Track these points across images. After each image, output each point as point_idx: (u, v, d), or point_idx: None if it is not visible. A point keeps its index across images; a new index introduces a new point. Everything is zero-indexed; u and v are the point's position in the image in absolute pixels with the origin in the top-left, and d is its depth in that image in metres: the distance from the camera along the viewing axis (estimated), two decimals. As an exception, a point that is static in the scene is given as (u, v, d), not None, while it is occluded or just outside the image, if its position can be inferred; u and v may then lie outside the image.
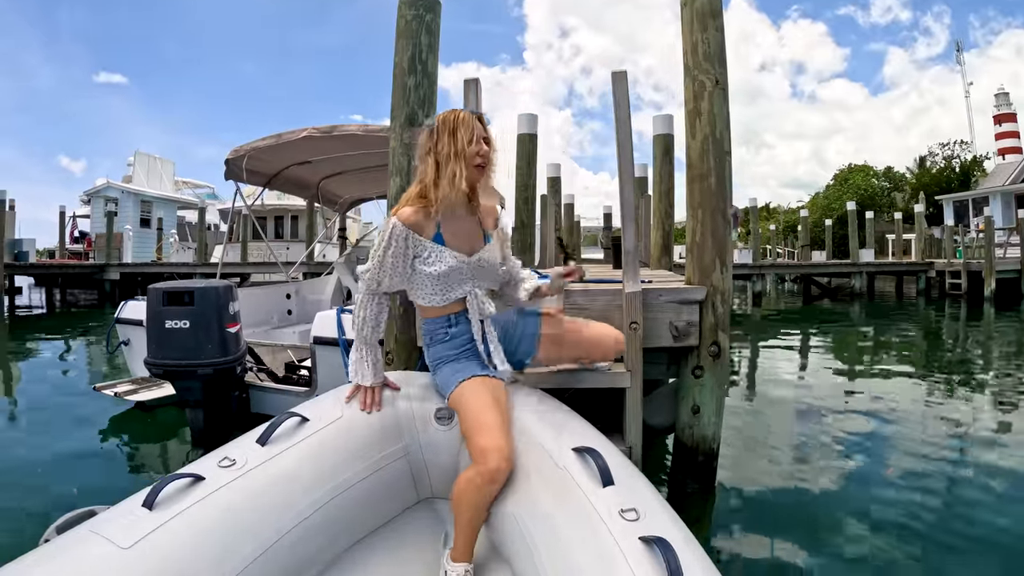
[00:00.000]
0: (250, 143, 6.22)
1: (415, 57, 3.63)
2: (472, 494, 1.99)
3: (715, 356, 3.52)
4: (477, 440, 2.03)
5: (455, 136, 2.24)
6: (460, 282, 2.32)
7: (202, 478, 1.87)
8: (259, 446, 2.07)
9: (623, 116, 3.37)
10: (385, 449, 2.35)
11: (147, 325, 4.24)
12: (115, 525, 1.66)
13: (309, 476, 2.06)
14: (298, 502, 1.99)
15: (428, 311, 2.39)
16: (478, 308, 2.35)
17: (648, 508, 1.74)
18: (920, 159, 42.50)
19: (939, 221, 29.37)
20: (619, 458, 2.04)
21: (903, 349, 10.94)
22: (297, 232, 22.07)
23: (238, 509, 1.83)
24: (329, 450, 2.17)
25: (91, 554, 1.57)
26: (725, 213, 3.57)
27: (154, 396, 5.44)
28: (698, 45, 3.61)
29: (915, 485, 4.02)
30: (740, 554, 3.22)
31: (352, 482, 2.18)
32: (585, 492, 1.82)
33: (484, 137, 2.30)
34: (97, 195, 26.82)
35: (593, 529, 1.69)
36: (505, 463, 1.99)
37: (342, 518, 2.13)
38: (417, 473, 2.46)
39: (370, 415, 2.36)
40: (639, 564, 1.51)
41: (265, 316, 7.21)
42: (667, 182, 7.25)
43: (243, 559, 1.76)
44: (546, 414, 2.31)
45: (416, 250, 2.28)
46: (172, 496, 1.78)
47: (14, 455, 4.75)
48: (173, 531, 1.68)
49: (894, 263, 24.07)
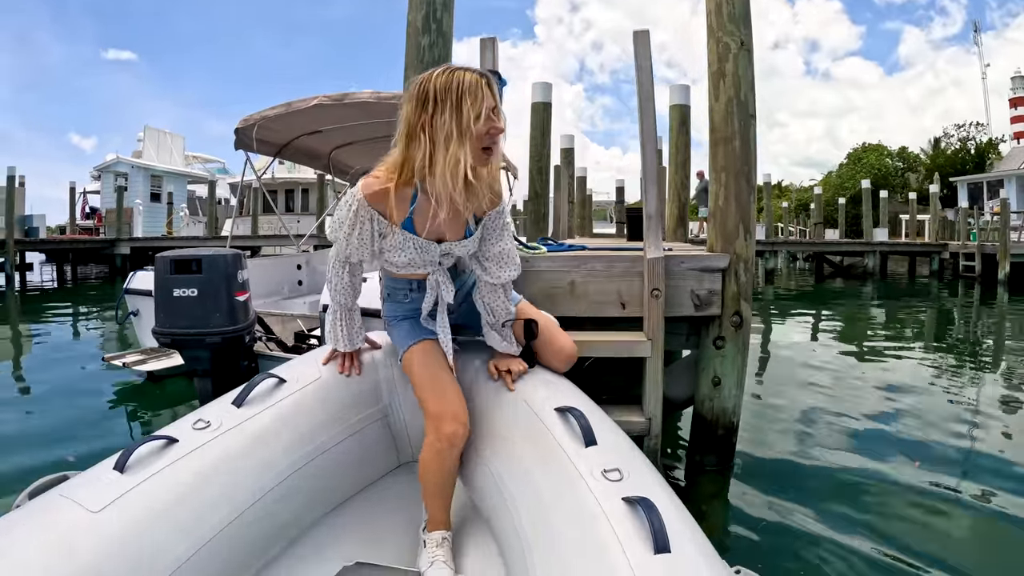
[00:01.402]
0: (260, 112, 6.10)
1: (429, 15, 3.50)
2: (434, 460, 1.94)
3: (737, 326, 3.42)
4: (429, 406, 1.96)
5: (459, 110, 1.75)
6: (425, 263, 2.05)
7: (176, 440, 1.82)
8: (235, 408, 2.01)
9: (645, 77, 3.26)
10: (363, 411, 2.30)
11: (155, 294, 4.16)
12: (85, 489, 1.62)
13: (286, 438, 2.01)
14: (275, 464, 1.94)
15: (392, 272, 2.20)
16: (437, 289, 2.11)
17: (631, 468, 1.69)
18: (935, 140, 41.91)
19: (953, 203, 29.01)
20: (602, 418, 1.98)
21: (917, 329, 10.86)
22: (307, 205, 22.03)
23: (212, 472, 1.79)
24: (306, 412, 2.12)
25: (60, 518, 1.53)
26: (750, 177, 3.46)
27: (163, 366, 5.41)
28: (722, 5, 3.48)
29: (935, 468, 3.92)
30: (756, 531, 3.16)
31: (330, 444, 2.14)
32: (567, 452, 1.77)
33: (494, 108, 1.81)
34: (107, 170, 26.79)
35: (575, 489, 1.64)
36: (461, 427, 1.93)
37: (320, 481, 2.10)
38: (397, 435, 2.42)
39: (349, 377, 2.29)
40: (621, 524, 1.46)
41: (276, 287, 7.15)
42: (683, 153, 7.12)
43: (218, 522, 1.72)
44: (528, 375, 2.22)
45: (380, 229, 1.97)
46: (144, 459, 1.73)
47: (22, 425, 4.76)
48: (145, 493, 1.63)
49: (908, 243, 23.85)
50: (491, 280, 2.12)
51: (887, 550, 2.91)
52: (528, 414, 2.00)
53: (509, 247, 2.11)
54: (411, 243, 1.97)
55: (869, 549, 2.92)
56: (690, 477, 3.70)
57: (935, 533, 3.13)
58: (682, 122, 7.16)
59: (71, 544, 1.47)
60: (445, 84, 1.76)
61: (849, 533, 3.06)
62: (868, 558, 2.85)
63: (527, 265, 3.29)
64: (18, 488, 1.72)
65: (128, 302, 6.00)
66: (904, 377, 6.41)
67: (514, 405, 2.07)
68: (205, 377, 4.29)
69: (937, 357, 7.88)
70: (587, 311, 3.30)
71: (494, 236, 2.09)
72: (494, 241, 2.09)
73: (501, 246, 2.09)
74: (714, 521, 3.32)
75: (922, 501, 3.46)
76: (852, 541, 2.98)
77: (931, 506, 3.40)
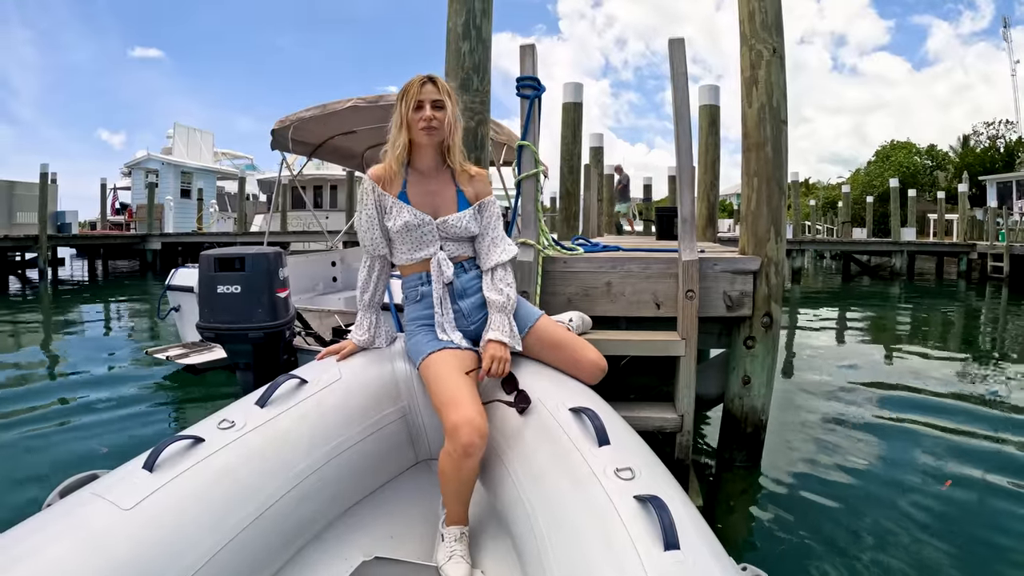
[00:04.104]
0: (296, 113, 6.26)
1: (469, 22, 3.61)
2: (451, 469, 1.98)
3: (767, 327, 3.50)
4: (447, 415, 2.00)
5: (399, 105, 2.28)
6: (427, 243, 2.32)
7: (202, 439, 1.89)
8: (258, 408, 2.08)
9: (680, 83, 3.35)
10: (383, 410, 2.36)
11: (199, 290, 4.30)
12: (116, 487, 1.68)
13: (307, 438, 2.08)
14: (297, 463, 2.00)
15: (403, 269, 2.41)
16: (439, 270, 2.32)
17: (643, 468, 1.74)
18: (964, 138, 41.33)
19: (981, 202, 28.57)
20: (615, 419, 2.04)
21: (947, 332, 10.75)
22: (336, 202, 22.18)
23: (237, 470, 1.85)
24: (327, 411, 2.18)
25: (93, 515, 1.59)
26: (781, 182, 3.54)
27: (204, 360, 5.54)
28: (755, 13, 3.56)
29: (964, 484, 3.76)
30: (777, 530, 3.20)
31: (350, 443, 2.20)
32: (581, 451, 1.83)
33: (435, 100, 2.26)
34: (138, 167, 27.15)
35: (589, 487, 1.69)
36: (478, 437, 1.94)
37: (341, 479, 2.15)
38: (415, 434, 2.47)
39: (369, 377, 2.38)
40: (633, 522, 1.52)
41: (310, 283, 7.29)
42: (712, 153, 7.18)
43: (242, 519, 1.78)
44: (543, 376, 2.29)
45: (382, 203, 2.32)
46: (172, 458, 1.80)
47: (67, 417, 4.93)
48: (173, 492, 1.70)
49: (936, 243, 23.51)
50: (488, 263, 2.39)
51: (902, 563, 2.89)
52: (544, 415, 2.06)
53: (500, 233, 2.43)
54: (406, 210, 2.29)
55: (886, 560, 2.91)
56: (719, 473, 3.78)
57: (957, 556, 2.96)
58: (711, 122, 7.20)
59: (104, 541, 1.53)
60: (403, 87, 2.30)
61: (867, 542, 3.05)
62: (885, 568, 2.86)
63: (564, 266, 3.40)
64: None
65: (169, 298, 6.18)
66: (933, 383, 6.33)
67: (530, 405, 2.13)
68: (247, 370, 4.43)
69: (966, 361, 7.82)
70: (623, 311, 3.40)
71: (491, 223, 2.42)
72: (490, 228, 2.42)
73: (493, 234, 2.41)
74: (740, 517, 3.39)
75: (947, 517, 3.33)
76: (868, 551, 2.97)
77: (959, 529, 3.21)
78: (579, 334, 2.93)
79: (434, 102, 2.26)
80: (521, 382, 2.23)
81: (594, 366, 2.34)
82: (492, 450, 2.13)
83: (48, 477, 3.66)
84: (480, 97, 3.65)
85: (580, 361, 2.35)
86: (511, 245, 2.43)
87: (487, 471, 2.17)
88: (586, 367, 2.34)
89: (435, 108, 2.26)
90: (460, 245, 2.38)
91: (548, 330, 2.41)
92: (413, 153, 2.34)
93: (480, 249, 2.41)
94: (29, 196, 20.41)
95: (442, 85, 2.29)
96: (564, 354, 2.36)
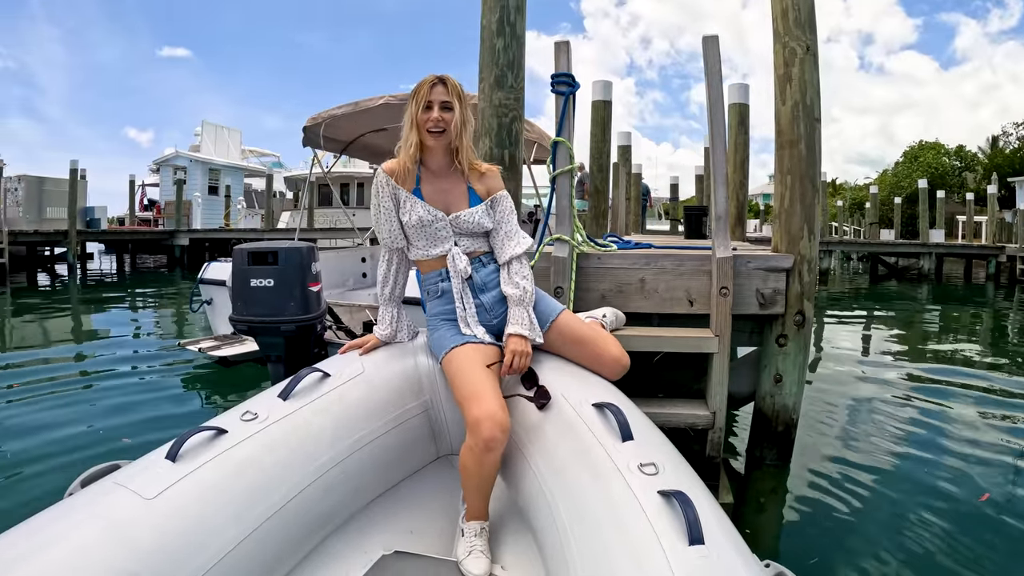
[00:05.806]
0: (327, 111, 6.33)
1: (503, 19, 3.64)
2: (473, 463, 1.99)
3: (800, 325, 3.49)
4: (469, 409, 2.00)
5: (410, 104, 2.30)
6: (442, 239, 2.35)
7: (224, 431, 1.90)
8: (281, 400, 2.09)
9: (714, 81, 3.35)
10: (405, 405, 2.38)
11: (232, 284, 4.35)
12: (139, 477, 1.70)
13: (330, 431, 2.09)
14: (318, 456, 2.01)
15: (422, 265, 2.44)
16: (455, 266, 2.34)
17: (667, 463, 1.75)
18: (993, 138, 40.75)
19: (1011, 204, 28.15)
20: (638, 414, 2.04)
21: (976, 336, 10.61)
22: (363, 199, 22.28)
23: (259, 462, 1.86)
24: (349, 405, 2.19)
25: (117, 504, 1.60)
26: (814, 180, 3.53)
27: (236, 352, 5.63)
28: (788, 11, 3.55)
29: (1002, 496, 3.62)
30: (806, 527, 3.21)
31: (372, 437, 2.21)
32: (604, 446, 1.83)
33: (444, 102, 2.28)
34: (166, 164, 27.52)
35: (613, 482, 1.70)
36: (499, 432, 1.94)
37: (362, 473, 2.16)
38: (437, 429, 2.49)
39: (391, 371, 2.40)
40: (657, 517, 1.52)
41: (340, 279, 7.38)
42: (742, 152, 7.14)
43: (265, 511, 1.80)
44: (565, 371, 2.30)
45: (396, 195, 2.35)
46: (195, 448, 1.81)
47: (95, 406, 5.06)
48: (196, 482, 1.71)
49: (964, 245, 23.23)
50: (504, 257, 2.40)
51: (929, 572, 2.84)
52: (566, 409, 2.07)
53: (513, 227, 2.45)
54: (420, 206, 2.33)
55: (911, 566, 2.86)
56: (748, 471, 3.79)
57: (989, 569, 2.89)
58: (741, 121, 7.16)
59: (128, 529, 1.55)
60: (415, 86, 2.33)
61: (893, 546, 3.01)
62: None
63: (598, 262, 3.41)
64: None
65: (202, 291, 6.27)
66: (966, 387, 6.23)
67: (552, 401, 2.14)
68: (278, 363, 4.49)
69: (999, 367, 7.73)
70: (656, 307, 3.40)
71: (504, 218, 2.44)
72: (504, 222, 2.44)
73: (506, 228, 2.43)
74: (768, 515, 3.40)
75: (981, 528, 3.23)
76: (895, 555, 2.93)
77: (992, 540, 3.11)
78: (612, 330, 2.96)
79: (443, 103, 2.28)
80: (542, 378, 2.24)
81: (616, 362, 2.36)
82: (513, 445, 2.14)
83: (75, 465, 3.71)
84: (515, 94, 3.67)
85: (602, 356, 2.36)
86: (525, 238, 2.45)
87: (508, 466, 2.17)
88: (608, 363, 2.35)
89: (443, 109, 2.27)
90: (475, 240, 2.40)
91: (570, 325, 2.43)
92: (424, 152, 2.36)
93: (495, 243, 2.44)
94: (58, 192, 20.80)
95: (452, 86, 2.30)
96: (586, 349, 2.38)
